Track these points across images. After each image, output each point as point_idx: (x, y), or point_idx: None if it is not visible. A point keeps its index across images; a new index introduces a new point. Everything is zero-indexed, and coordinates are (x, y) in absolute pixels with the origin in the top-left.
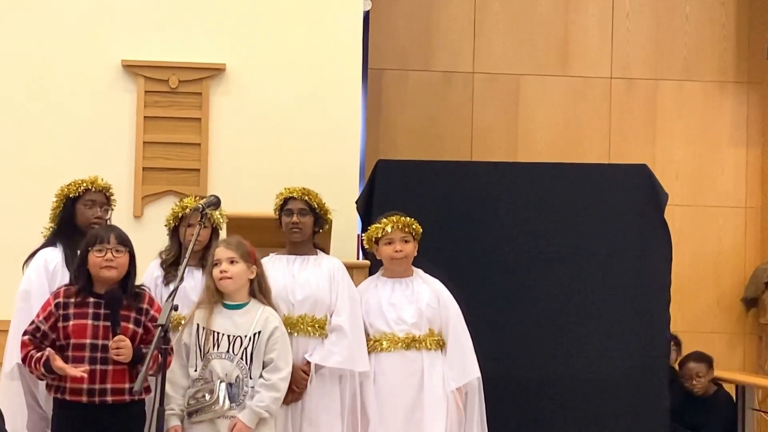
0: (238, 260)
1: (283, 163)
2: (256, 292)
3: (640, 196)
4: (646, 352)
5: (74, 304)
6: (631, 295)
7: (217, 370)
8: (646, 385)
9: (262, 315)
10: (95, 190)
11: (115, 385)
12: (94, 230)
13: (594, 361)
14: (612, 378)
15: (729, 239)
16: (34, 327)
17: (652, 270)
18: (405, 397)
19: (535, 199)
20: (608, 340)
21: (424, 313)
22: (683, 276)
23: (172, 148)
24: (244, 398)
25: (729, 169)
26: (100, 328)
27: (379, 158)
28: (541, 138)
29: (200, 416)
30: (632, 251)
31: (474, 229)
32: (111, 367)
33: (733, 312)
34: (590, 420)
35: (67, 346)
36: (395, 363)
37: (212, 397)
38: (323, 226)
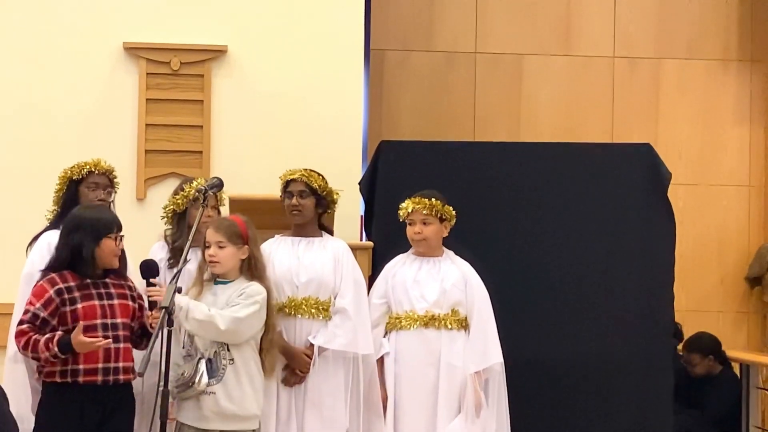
0: (225, 244)
1: (286, 145)
2: (244, 270)
3: (643, 175)
4: (651, 331)
5: (77, 288)
6: (635, 275)
7: (198, 346)
8: (651, 364)
9: (242, 286)
10: (98, 173)
11: (125, 363)
12: (106, 215)
13: (598, 341)
14: (616, 358)
15: (733, 218)
16: (31, 315)
17: (655, 249)
18: (423, 376)
19: (538, 179)
20: (612, 320)
21: (448, 293)
22: (687, 255)
23: (175, 130)
24: (223, 372)
25: (732, 147)
26: (106, 307)
27: (381, 139)
28: (544, 118)
29: (185, 393)
30: (635, 231)
31: (477, 209)
32: (122, 345)
33: (737, 291)
34: (594, 400)
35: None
36: (414, 341)
37: (191, 375)
38: (328, 207)
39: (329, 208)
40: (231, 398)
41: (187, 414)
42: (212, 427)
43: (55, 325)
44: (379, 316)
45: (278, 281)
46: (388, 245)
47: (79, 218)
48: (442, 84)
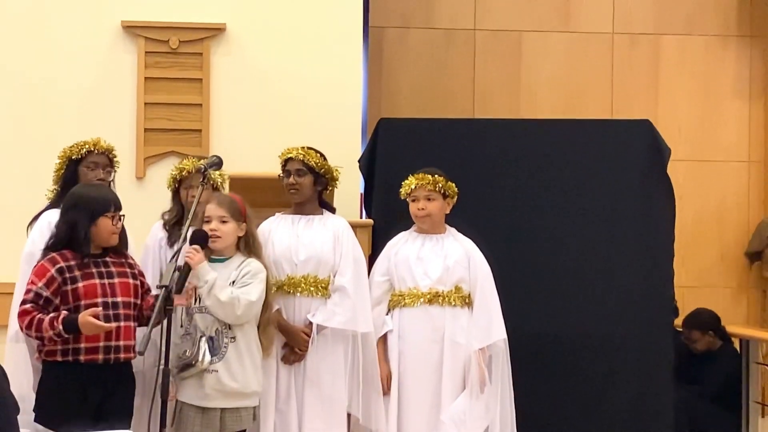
0: (228, 219)
1: (285, 123)
2: (241, 247)
3: (642, 151)
4: (650, 307)
5: (77, 267)
6: (635, 251)
7: (198, 325)
8: (651, 340)
9: (241, 264)
10: (98, 152)
11: (126, 342)
12: (103, 194)
13: (598, 318)
14: (616, 334)
15: (732, 194)
16: (33, 294)
17: (655, 225)
18: (427, 353)
19: (538, 156)
20: (612, 296)
21: (451, 270)
22: (687, 231)
23: (174, 108)
24: (225, 350)
25: (732, 123)
26: (107, 285)
27: (381, 117)
28: (544, 94)
29: (186, 372)
30: (635, 207)
31: (476, 186)
32: (123, 324)
33: (737, 266)
34: (595, 375)
35: (76, 309)
36: (418, 318)
37: (193, 353)
38: (328, 185)
39: (329, 186)
40: (233, 376)
41: (188, 393)
42: (214, 405)
43: (57, 303)
44: (382, 293)
45: (277, 259)
46: (387, 223)
47: (76, 196)
48: (441, 61)
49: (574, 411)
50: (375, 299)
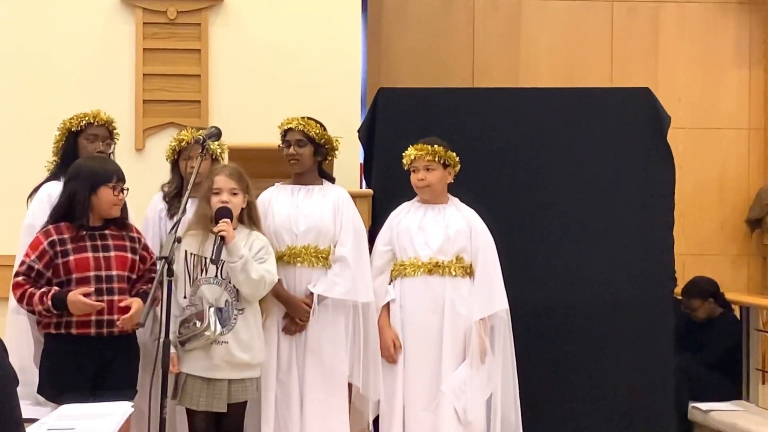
0: (238, 192)
1: (284, 93)
2: (245, 218)
3: (642, 119)
4: (651, 276)
5: (70, 240)
6: (635, 220)
7: (206, 296)
8: (651, 308)
9: (248, 239)
10: (97, 124)
11: (121, 315)
12: (103, 164)
13: (598, 286)
14: (617, 302)
15: (732, 161)
16: (26, 267)
17: (655, 194)
18: (427, 322)
19: (537, 125)
20: (612, 265)
21: (452, 240)
22: (687, 199)
23: (172, 80)
24: (234, 322)
25: (732, 90)
26: (100, 259)
27: (380, 86)
28: (543, 63)
29: (193, 344)
30: (635, 175)
31: (476, 156)
32: (117, 297)
33: (737, 234)
34: (595, 344)
35: (68, 282)
36: (418, 288)
37: (203, 324)
38: (327, 155)
39: (329, 156)
40: (242, 347)
41: (194, 365)
42: (221, 376)
43: (50, 277)
44: (384, 263)
45: (277, 230)
46: (387, 193)
47: (78, 167)
48: (440, 30)
49: (575, 380)
50: (378, 269)
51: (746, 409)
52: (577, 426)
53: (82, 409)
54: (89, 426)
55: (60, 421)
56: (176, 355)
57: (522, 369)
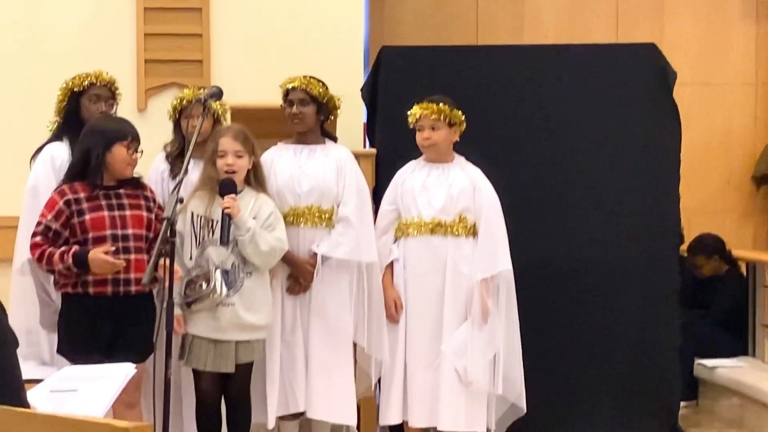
0: (243, 154)
1: (287, 52)
2: (251, 180)
3: (648, 75)
4: (656, 233)
5: (85, 199)
6: (641, 176)
7: (212, 258)
8: (657, 266)
9: (257, 202)
10: (99, 85)
11: (138, 275)
12: (118, 123)
13: (604, 244)
14: (622, 259)
15: (739, 117)
16: (43, 227)
17: (661, 150)
18: (429, 282)
19: (542, 82)
20: (618, 222)
21: (455, 199)
22: (693, 155)
23: (174, 39)
24: (241, 284)
25: (739, 45)
26: (116, 218)
27: (383, 45)
28: (547, 20)
29: (199, 305)
30: (641, 131)
31: (481, 114)
32: (133, 257)
33: (743, 190)
34: (601, 302)
35: (85, 242)
36: (420, 247)
37: (209, 286)
38: (329, 114)
39: (331, 115)
40: (249, 309)
41: (200, 326)
42: (228, 337)
43: (67, 236)
44: (388, 222)
45: (280, 190)
46: (391, 152)
47: (93, 125)
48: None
49: (580, 339)
50: (382, 228)
51: (752, 366)
52: (581, 384)
53: (84, 370)
54: (92, 387)
55: (63, 382)
56: (182, 317)
57: (526, 328)
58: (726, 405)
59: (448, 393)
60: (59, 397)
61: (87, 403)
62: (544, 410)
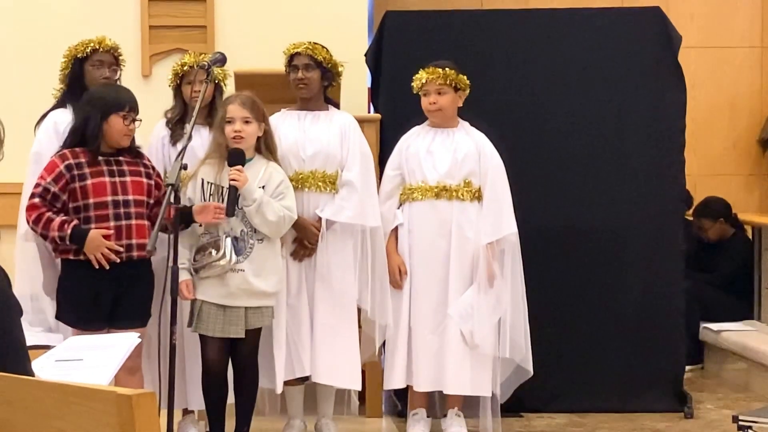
0: (251, 120)
1: (291, 18)
2: (262, 148)
3: (653, 39)
4: (662, 196)
5: (87, 164)
6: (646, 140)
7: (222, 224)
8: (662, 229)
9: (267, 170)
10: (103, 50)
11: (139, 240)
12: (117, 93)
13: (609, 207)
14: (628, 223)
15: (745, 80)
16: (42, 189)
17: (666, 114)
18: (435, 246)
19: (547, 46)
20: (623, 186)
21: (460, 163)
22: (699, 119)
23: (178, 5)
24: (250, 251)
25: (744, 8)
26: (117, 184)
27: (387, 9)
28: None
29: (207, 272)
30: (646, 96)
31: (485, 78)
32: (134, 222)
33: (749, 153)
34: (606, 266)
35: (86, 207)
36: (425, 212)
37: (219, 253)
38: (333, 80)
39: (334, 81)
40: (259, 275)
41: (210, 291)
42: (237, 304)
43: (65, 200)
44: (393, 187)
45: (284, 155)
46: (395, 117)
47: (92, 93)
48: None
49: (586, 302)
50: (386, 193)
51: (757, 329)
52: (586, 349)
53: (90, 340)
54: (97, 357)
55: (68, 352)
56: (191, 282)
57: (531, 292)
58: (731, 369)
59: (454, 357)
60: (64, 366)
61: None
62: (549, 375)
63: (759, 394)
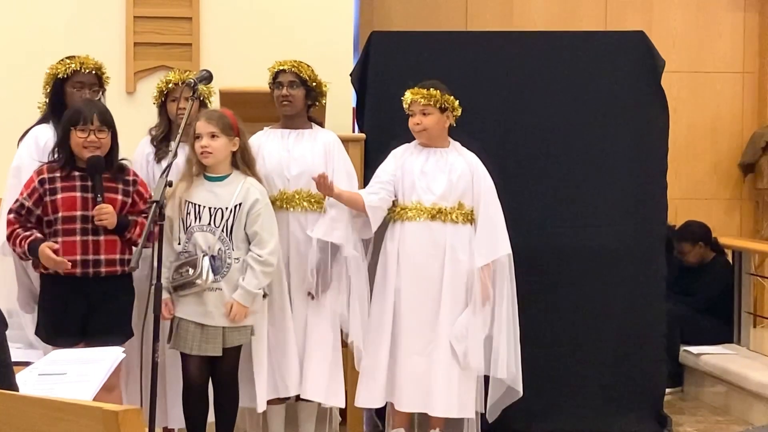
0: (218, 134)
1: (276, 36)
2: (238, 163)
3: (636, 63)
4: (643, 219)
5: (60, 178)
6: (628, 164)
7: (199, 243)
8: (644, 252)
9: (243, 186)
10: (84, 71)
11: (108, 255)
12: (77, 107)
13: (590, 229)
14: (609, 246)
15: (726, 105)
16: (18, 204)
17: (649, 138)
18: (428, 268)
19: (531, 69)
20: (605, 209)
21: (454, 185)
22: (680, 143)
23: (163, 22)
24: (227, 271)
25: (727, 34)
26: (88, 199)
27: (372, 29)
28: (537, 6)
29: (186, 290)
30: (629, 119)
31: (469, 99)
32: (103, 238)
33: (730, 178)
34: (587, 288)
35: (56, 221)
36: (419, 232)
37: (196, 272)
38: (317, 99)
39: (318, 100)
40: None
41: (187, 309)
42: (214, 323)
43: (39, 214)
44: (385, 194)
45: (269, 174)
46: (380, 136)
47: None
48: None
49: (567, 324)
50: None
51: (737, 352)
52: (567, 370)
53: (73, 354)
54: (81, 371)
55: (51, 366)
56: (170, 300)
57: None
58: (711, 392)
59: (443, 380)
60: (48, 380)
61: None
62: (530, 396)
63: (738, 417)
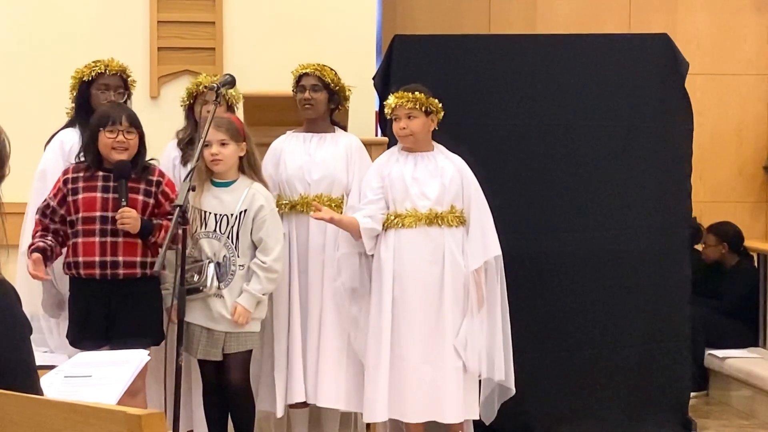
0: (228, 141)
1: (300, 40)
2: (245, 168)
3: (660, 66)
4: (668, 222)
5: (83, 179)
6: (653, 167)
7: (205, 250)
8: (668, 255)
9: (248, 193)
10: (109, 74)
11: (127, 258)
12: (105, 109)
13: (615, 233)
14: (634, 249)
15: (751, 107)
16: (45, 204)
17: (673, 141)
18: (427, 274)
19: (555, 72)
20: (629, 212)
21: (447, 188)
22: (705, 146)
23: (187, 26)
24: (232, 278)
25: (751, 36)
26: (109, 200)
27: (395, 33)
28: (560, 9)
29: (191, 296)
30: (653, 122)
31: (493, 103)
32: (122, 240)
33: (755, 180)
34: (612, 292)
35: (77, 221)
36: (417, 239)
37: (201, 278)
38: (340, 103)
39: (341, 104)
40: None
41: (195, 314)
42: (219, 328)
43: (63, 214)
44: (376, 209)
45: (290, 179)
46: None
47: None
48: None
49: (592, 328)
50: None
51: (762, 356)
52: (592, 374)
53: (98, 356)
54: (106, 373)
55: (76, 368)
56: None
57: (537, 319)
58: (736, 396)
59: (453, 385)
60: (73, 382)
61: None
62: (556, 400)
63: (763, 421)
